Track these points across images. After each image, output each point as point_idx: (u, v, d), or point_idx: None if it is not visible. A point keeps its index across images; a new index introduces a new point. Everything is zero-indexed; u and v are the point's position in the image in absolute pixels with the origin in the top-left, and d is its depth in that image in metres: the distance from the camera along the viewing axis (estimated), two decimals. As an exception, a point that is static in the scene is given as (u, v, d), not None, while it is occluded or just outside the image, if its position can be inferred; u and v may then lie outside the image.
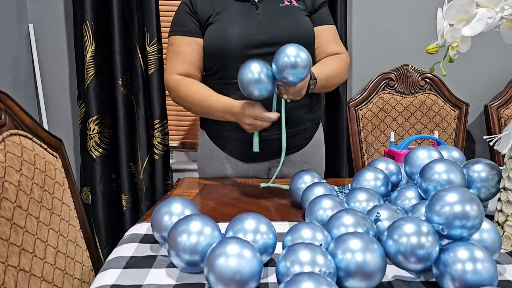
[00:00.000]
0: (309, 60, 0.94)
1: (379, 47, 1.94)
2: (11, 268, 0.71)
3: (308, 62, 0.94)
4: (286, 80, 0.95)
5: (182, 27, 1.20)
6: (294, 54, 0.92)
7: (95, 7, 1.70)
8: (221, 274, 0.55)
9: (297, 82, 0.96)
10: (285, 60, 0.92)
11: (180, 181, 1.20)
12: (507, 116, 1.88)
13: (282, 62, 0.93)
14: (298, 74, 0.94)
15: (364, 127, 1.88)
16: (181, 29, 1.20)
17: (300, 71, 0.93)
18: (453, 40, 0.69)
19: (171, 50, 1.22)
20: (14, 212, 0.75)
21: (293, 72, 0.93)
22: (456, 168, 0.74)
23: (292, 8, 1.20)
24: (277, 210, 0.95)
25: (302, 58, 0.93)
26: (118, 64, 1.74)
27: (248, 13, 1.17)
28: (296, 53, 0.93)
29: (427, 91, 1.90)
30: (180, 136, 2.05)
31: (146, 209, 1.86)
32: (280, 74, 0.94)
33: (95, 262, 1.04)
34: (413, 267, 0.59)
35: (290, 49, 0.93)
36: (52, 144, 0.96)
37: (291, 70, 0.93)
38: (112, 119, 1.83)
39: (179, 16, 1.22)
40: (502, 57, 1.95)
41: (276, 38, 1.14)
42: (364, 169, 0.89)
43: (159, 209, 0.73)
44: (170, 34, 1.23)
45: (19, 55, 1.79)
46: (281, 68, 0.93)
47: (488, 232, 0.64)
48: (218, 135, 1.25)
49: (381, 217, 0.70)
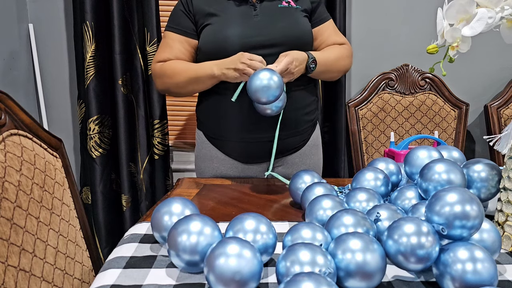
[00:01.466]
0: (281, 82, 1.01)
1: (379, 47, 1.94)
2: (11, 268, 0.71)
3: (280, 84, 1.01)
4: (259, 102, 1.02)
5: (177, 25, 1.22)
6: (267, 77, 0.99)
7: (95, 7, 1.70)
8: (221, 274, 0.55)
9: (271, 101, 1.02)
10: (258, 83, 0.99)
11: (180, 181, 1.20)
12: (507, 116, 1.88)
13: (255, 85, 1.00)
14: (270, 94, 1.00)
15: (364, 127, 1.88)
16: (176, 27, 1.22)
17: (272, 92, 1.00)
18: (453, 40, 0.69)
19: (163, 42, 1.24)
20: (14, 212, 0.75)
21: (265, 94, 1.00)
22: (456, 168, 0.74)
23: (290, 9, 1.20)
24: (277, 210, 0.95)
25: (274, 81, 1.00)
26: (118, 64, 1.74)
27: (246, 14, 1.17)
28: (269, 76, 1.00)
29: (427, 91, 1.90)
30: (180, 136, 2.05)
31: (146, 209, 1.86)
32: (253, 95, 1.01)
33: (95, 262, 1.04)
34: (413, 267, 0.59)
35: (263, 73, 1.00)
36: (52, 144, 0.96)
37: (264, 92, 0.99)
38: (112, 119, 1.83)
39: (175, 13, 1.23)
40: (502, 57, 1.95)
41: (274, 39, 1.14)
42: (364, 169, 0.89)
43: (159, 209, 0.73)
44: (166, 29, 1.24)
45: (19, 55, 1.79)
46: (254, 91, 1.00)
47: (488, 232, 0.64)
48: (216, 136, 1.25)
49: (381, 217, 0.70)
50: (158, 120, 1.81)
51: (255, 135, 1.20)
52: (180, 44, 1.21)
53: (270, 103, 1.04)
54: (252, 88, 1.01)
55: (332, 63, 1.23)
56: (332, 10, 1.74)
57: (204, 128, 1.28)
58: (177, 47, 1.21)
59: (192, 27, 1.21)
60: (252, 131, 1.19)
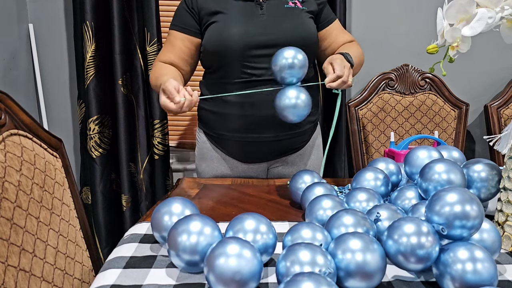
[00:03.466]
0: (306, 60, 1.01)
1: (379, 47, 1.94)
2: (11, 268, 0.71)
3: (304, 62, 1.00)
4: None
5: (180, 23, 1.22)
6: (292, 55, 0.98)
7: (95, 7, 1.70)
8: (221, 274, 0.55)
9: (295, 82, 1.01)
10: (283, 62, 0.98)
11: (180, 181, 1.20)
12: (507, 116, 1.88)
13: (280, 63, 0.99)
14: (295, 73, 0.99)
15: (364, 127, 1.88)
16: (179, 25, 1.22)
17: (297, 71, 0.99)
18: (453, 40, 0.70)
19: (167, 40, 1.26)
20: (14, 212, 0.75)
21: (291, 72, 0.99)
22: (456, 168, 0.74)
23: (296, 9, 1.20)
24: (277, 210, 0.95)
25: (299, 59, 0.99)
26: (118, 64, 1.74)
27: (252, 12, 1.16)
28: (294, 54, 0.98)
29: (427, 91, 1.90)
30: (180, 136, 2.05)
31: (146, 209, 1.86)
32: (279, 74, 1.00)
33: (95, 262, 1.04)
34: (413, 267, 0.59)
35: (288, 51, 0.99)
36: (52, 144, 0.96)
37: (289, 70, 0.98)
38: (112, 119, 1.83)
39: (179, 12, 1.23)
40: (502, 57, 1.95)
41: (279, 39, 1.14)
42: (364, 169, 0.89)
43: (159, 209, 0.73)
44: (170, 27, 1.25)
45: (19, 55, 1.79)
46: (280, 69, 0.99)
47: (488, 232, 0.64)
48: (217, 135, 1.25)
49: (381, 217, 0.70)
50: (158, 120, 1.81)
51: (255, 135, 1.19)
52: (182, 42, 1.21)
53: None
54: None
55: (358, 56, 1.25)
56: (333, 10, 1.72)
57: (205, 127, 1.28)
58: (179, 45, 1.22)
59: (196, 25, 1.21)
60: (253, 130, 1.19)
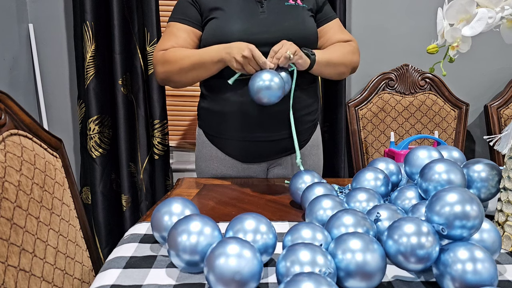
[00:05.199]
0: (282, 83, 1.05)
1: (379, 47, 1.94)
2: (11, 268, 0.71)
3: (281, 84, 1.04)
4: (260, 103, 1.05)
5: (183, 15, 1.19)
6: (269, 78, 1.02)
7: (95, 7, 1.70)
8: (221, 274, 0.55)
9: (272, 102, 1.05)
10: (260, 84, 1.02)
11: (180, 181, 1.20)
12: (507, 116, 1.88)
13: (257, 85, 1.03)
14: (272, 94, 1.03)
15: (364, 127, 1.88)
16: (182, 17, 1.19)
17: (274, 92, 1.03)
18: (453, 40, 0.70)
19: (167, 31, 1.20)
20: (14, 212, 0.75)
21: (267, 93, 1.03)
22: (456, 168, 0.74)
23: (297, 7, 1.20)
24: (277, 210, 0.95)
25: (275, 82, 1.03)
26: (118, 64, 1.74)
27: (253, 10, 1.16)
28: (271, 77, 1.02)
29: (427, 91, 1.90)
30: (180, 136, 2.05)
31: (146, 209, 1.86)
32: (255, 95, 1.04)
33: (95, 262, 1.04)
34: (413, 267, 0.59)
35: (265, 74, 1.03)
36: (52, 144, 0.96)
37: (265, 92, 1.02)
38: (112, 119, 1.83)
39: (181, 4, 1.21)
40: (502, 57, 1.95)
41: (279, 37, 1.13)
42: (364, 169, 0.89)
43: (159, 209, 0.73)
44: (170, 20, 1.21)
45: (19, 55, 1.79)
46: (256, 91, 1.03)
47: (488, 232, 0.64)
48: (217, 134, 1.25)
49: (381, 217, 0.70)
50: (158, 120, 1.81)
51: (255, 134, 1.19)
52: (186, 34, 1.18)
53: (271, 104, 1.06)
54: (254, 89, 1.03)
55: (336, 56, 1.21)
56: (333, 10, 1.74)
57: (205, 126, 1.28)
58: (183, 36, 1.18)
59: (199, 17, 1.19)
60: (253, 130, 1.19)
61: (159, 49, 1.19)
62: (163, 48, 1.18)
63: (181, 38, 1.17)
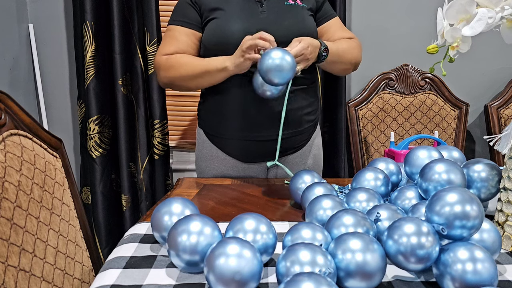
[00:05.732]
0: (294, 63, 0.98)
1: (379, 47, 1.94)
2: (11, 268, 0.71)
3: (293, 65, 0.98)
4: (271, 82, 0.98)
5: (183, 18, 1.19)
6: (280, 56, 0.96)
7: (95, 7, 1.70)
8: (221, 274, 0.55)
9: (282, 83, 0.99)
10: (270, 63, 0.96)
11: (180, 181, 1.20)
12: (507, 116, 1.88)
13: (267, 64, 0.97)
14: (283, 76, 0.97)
15: (364, 127, 1.88)
16: (182, 20, 1.19)
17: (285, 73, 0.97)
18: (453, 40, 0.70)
19: (168, 35, 1.21)
20: (14, 212, 0.75)
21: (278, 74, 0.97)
22: (456, 168, 0.74)
23: (297, 7, 1.20)
24: (277, 210, 0.95)
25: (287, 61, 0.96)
26: (118, 64, 1.74)
27: (253, 10, 1.16)
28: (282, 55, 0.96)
29: (427, 91, 1.90)
30: (180, 136, 2.05)
31: (146, 209, 1.86)
32: (266, 76, 0.98)
33: (95, 262, 1.04)
34: (413, 267, 0.59)
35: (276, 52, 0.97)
36: (52, 144, 0.96)
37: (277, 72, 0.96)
38: (112, 119, 1.83)
39: (180, 6, 1.21)
40: (502, 57, 1.95)
41: (280, 37, 1.13)
42: (364, 169, 0.89)
43: (159, 209, 0.73)
44: (170, 23, 1.21)
45: (19, 55, 1.79)
46: (266, 71, 0.97)
47: (488, 232, 0.64)
48: (217, 134, 1.25)
49: (381, 217, 0.70)
50: (158, 120, 1.81)
51: (256, 134, 1.19)
52: (187, 37, 1.18)
53: (282, 85, 1.01)
54: (263, 68, 0.97)
55: (342, 53, 1.21)
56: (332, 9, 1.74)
57: (205, 126, 1.28)
58: (184, 40, 1.18)
59: (199, 19, 1.19)
60: (253, 130, 1.19)
61: (162, 53, 1.19)
62: (165, 53, 1.18)
63: (182, 42, 1.18)
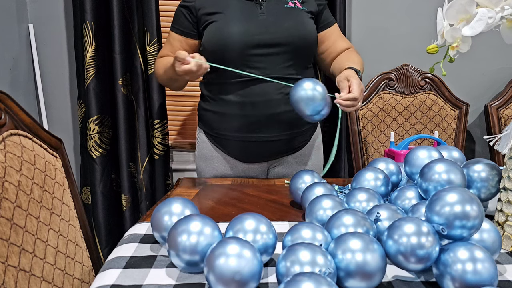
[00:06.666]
0: (325, 92, 0.99)
1: (379, 47, 1.94)
2: (11, 268, 0.71)
3: (324, 94, 0.98)
4: (302, 114, 1.00)
5: (177, 25, 1.26)
6: (311, 87, 0.97)
7: (95, 7, 1.70)
8: (221, 274, 0.55)
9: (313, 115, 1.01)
10: (302, 93, 0.97)
11: (180, 181, 1.20)
12: (507, 116, 1.88)
13: (299, 95, 0.98)
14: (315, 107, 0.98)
15: (364, 127, 1.88)
16: (177, 27, 1.26)
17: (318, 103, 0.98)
18: (453, 40, 0.70)
19: (167, 40, 1.31)
20: (14, 212, 0.75)
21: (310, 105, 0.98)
22: (456, 168, 0.74)
23: (296, 10, 1.20)
24: (277, 210, 0.95)
25: (318, 91, 0.97)
26: (118, 64, 1.74)
27: (252, 12, 1.17)
28: (313, 86, 0.97)
29: (427, 91, 1.90)
30: (180, 136, 2.05)
31: (146, 209, 1.86)
32: (296, 106, 0.99)
33: (95, 262, 1.04)
34: (413, 267, 0.59)
35: (307, 83, 0.98)
36: (52, 144, 0.96)
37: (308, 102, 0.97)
38: (112, 119, 1.83)
39: (177, 14, 1.26)
40: (502, 57, 1.95)
41: (279, 39, 1.14)
42: (364, 169, 0.89)
43: (159, 209, 0.73)
44: (170, 28, 1.29)
45: (19, 55, 1.79)
46: (297, 100, 0.98)
47: (488, 232, 0.64)
48: (217, 134, 1.25)
49: (381, 217, 0.70)
50: (158, 120, 1.81)
51: (255, 135, 1.20)
52: (179, 43, 1.25)
53: (313, 116, 1.02)
54: (294, 98, 0.99)
55: (361, 68, 1.24)
56: (332, 10, 1.74)
57: (205, 126, 1.28)
58: (176, 45, 1.26)
59: (191, 27, 1.22)
60: (253, 130, 1.19)
61: (158, 56, 1.32)
62: (160, 56, 1.31)
63: (174, 47, 1.26)
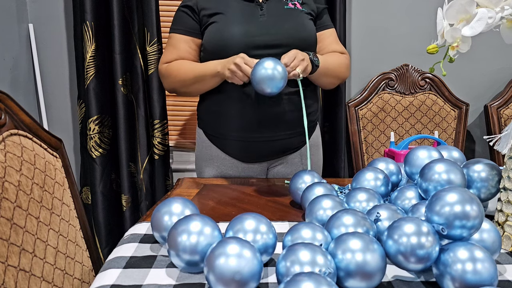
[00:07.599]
0: (285, 72, 1.02)
1: (379, 47, 1.94)
2: (11, 268, 0.71)
3: (284, 74, 1.02)
4: (263, 92, 1.02)
5: (180, 26, 1.22)
6: (272, 67, 1.00)
7: (95, 7, 1.70)
8: (221, 274, 0.55)
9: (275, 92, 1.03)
10: (263, 72, 1.00)
11: (180, 181, 1.20)
12: (507, 116, 1.88)
13: (259, 74, 1.00)
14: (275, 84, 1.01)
15: (364, 127, 1.88)
16: (181, 28, 1.22)
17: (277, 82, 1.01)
18: (453, 40, 0.70)
19: (169, 44, 1.25)
20: (14, 212, 0.75)
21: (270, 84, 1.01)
22: (456, 168, 0.74)
23: (296, 11, 1.20)
24: (277, 210, 0.95)
25: (278, 71, 1.00)
26: (118, 64, 1.74)
27: (252, 13, 1.17)
28: (274, 66, 1.00)
29: (427, 91, 1.90)
30: (180, 136, 2.05)
31: (146, 209, 1.86)
32: (258, 85, 1.01)
33: (95, 262, 1.04)
34: (413, 267, 0.59)
35: (268, 62, 1.00)
36: (52, 144, 0.96)
37: (268, 81, 1.00)
38: (112, 119, 1.83)
39: (178, 15, 1.23)
40: (502, 57, 1.95)
41: (279, 40, 1.14)
42: (364, 169, 0.89)
43: (159, 209, 0.73)
44: (170, 31, 1.25)
45: (19, 55, 1.79)
46: (258, 81, 1.01)
47: (488, 232, 0.64)
48: (217, 134, 1.25)
49: (381, 217, 0.70)
50: (158, 120, 1.81)
51: (256, 134, 1.20)
52: (186, 44, 1.22)
53: (274, 94, 1.04)
54: (256, 78, 1.01)
55: (333, 67, 1.23)
56: (332, 10, 1.74)
57: (205, 126, 1.28)
58: (183, 47, 1.22)
59: (197, 26, 1.21)
60: (253, 130, 1.19)
61: (163, 62, 1.24)
62: (166, 61, 1.24)
63: (181, 49, 1.22)
